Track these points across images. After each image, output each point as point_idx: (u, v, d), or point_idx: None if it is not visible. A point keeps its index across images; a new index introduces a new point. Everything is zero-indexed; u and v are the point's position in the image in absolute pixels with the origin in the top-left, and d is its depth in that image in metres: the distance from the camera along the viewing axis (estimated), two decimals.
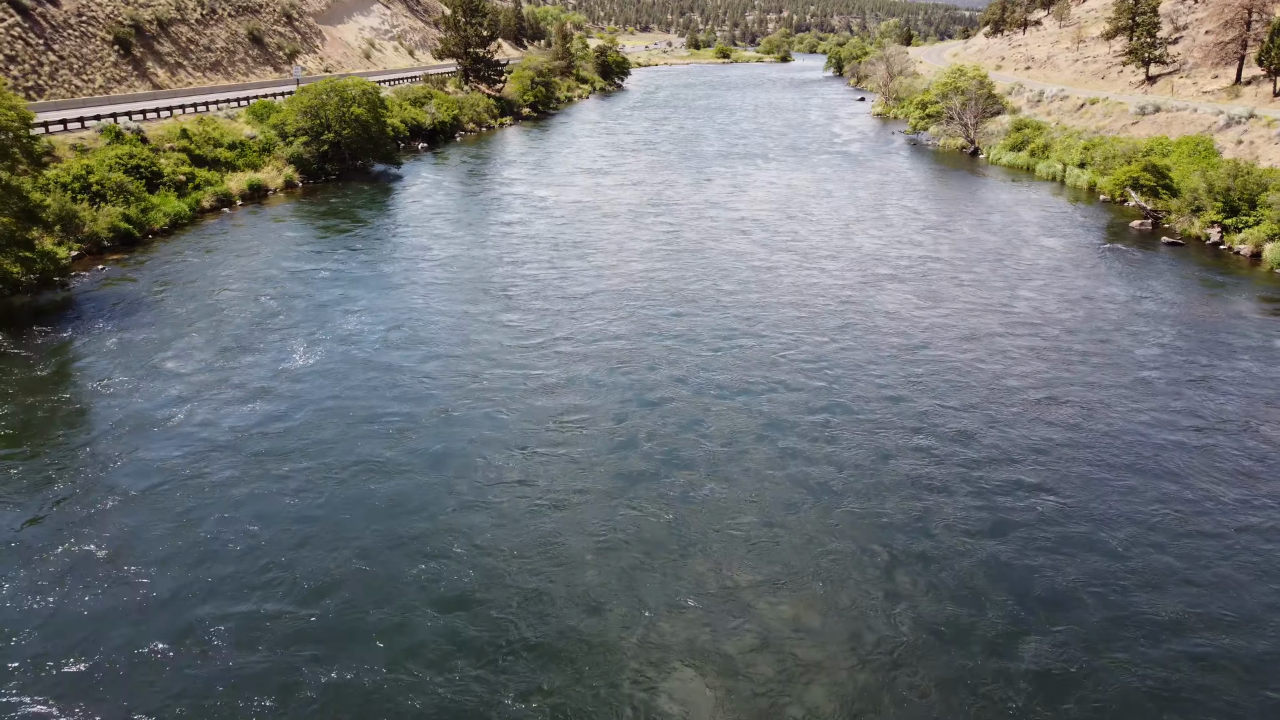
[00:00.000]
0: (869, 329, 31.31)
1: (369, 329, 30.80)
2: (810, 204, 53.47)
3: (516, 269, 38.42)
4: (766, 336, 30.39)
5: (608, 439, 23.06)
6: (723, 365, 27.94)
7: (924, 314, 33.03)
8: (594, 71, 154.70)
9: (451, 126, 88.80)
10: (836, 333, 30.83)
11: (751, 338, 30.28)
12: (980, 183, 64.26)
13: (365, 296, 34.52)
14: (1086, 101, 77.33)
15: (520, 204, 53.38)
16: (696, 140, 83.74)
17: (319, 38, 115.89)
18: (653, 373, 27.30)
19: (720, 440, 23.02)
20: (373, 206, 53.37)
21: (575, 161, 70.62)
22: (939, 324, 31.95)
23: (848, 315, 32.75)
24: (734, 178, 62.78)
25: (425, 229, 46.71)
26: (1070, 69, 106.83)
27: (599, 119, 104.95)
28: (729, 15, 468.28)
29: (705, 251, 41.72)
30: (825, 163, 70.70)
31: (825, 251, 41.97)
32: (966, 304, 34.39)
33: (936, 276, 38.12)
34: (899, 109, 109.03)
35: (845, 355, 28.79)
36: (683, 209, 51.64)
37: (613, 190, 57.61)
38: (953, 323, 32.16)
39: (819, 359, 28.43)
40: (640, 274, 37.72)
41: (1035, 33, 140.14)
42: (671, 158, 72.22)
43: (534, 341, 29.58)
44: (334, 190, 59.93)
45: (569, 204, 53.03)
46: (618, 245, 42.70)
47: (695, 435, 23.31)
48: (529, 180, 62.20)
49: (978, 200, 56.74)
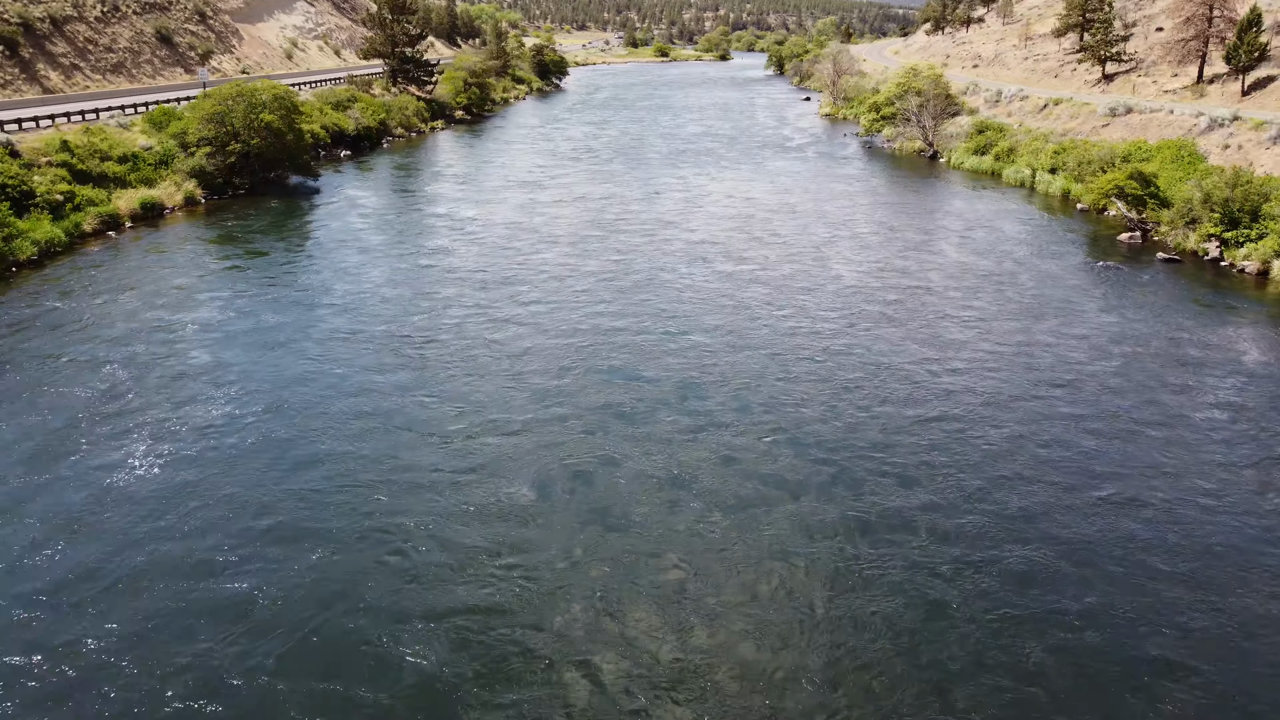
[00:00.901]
0: (871, 396, 24.99)
1: (237, 414, 23.38)
2: (774, 221, 47.30)
3: (436, 317, 31.30)
4: (746, 411, 23.92)
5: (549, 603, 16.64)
6: (697, 461, 21.33)
7: (932, 369, 26.91)
8: (531, 71, 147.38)
9: (378, 132, 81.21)
10: (832, 401, 24.52)
11: (730, 414, 23.65)
12: (948, 191, 58.86)
13: (244, 360, 27.23)
14: (1049, 102, 72.50)
15: (446, 227, 46.22)
16: (641, 146, 77.25)
17: (236, 37, 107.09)
18: (609, 479, 20.56)
19: (701, 602, 16.79)
20: (278, 230, 45.97)
21: (509, 172, 63.57)
22: (954, 384, 25.87)
23: (841, 374, 26.44)
24: (686, 190, 56.39)
25: (333, 261, 39.48)
26: (1020, 67, 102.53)
27: (537, 122, 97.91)
28: (666, 14, 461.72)
29: (660, 287, 35.02)
30: (782, 170, 64.73)
31: (801, 284, 35.75)
32: (978, 354, 28.40)
33: (934, 315, 32.15)
34: (848, 109, 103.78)
35: (849, 438, 22.41)
36: (631, 231, 44.87)
37: (551, 208, 50.64)
38: (969, 382, 26.12)
39: (817, 443, 21.99)
40: (585, 321, 30.81)
41: (979, 30, 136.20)
42: (615, 167, 65.58)
43: (455, 429, 22.70)
44: (240, 208, 52.40)
45: (501, 226, 45.88)
46: (557, 281, 35.80)
47: (669, 600, 17.03)
48: (458, 196, 55.04)
49: (952, 213, 51.20)
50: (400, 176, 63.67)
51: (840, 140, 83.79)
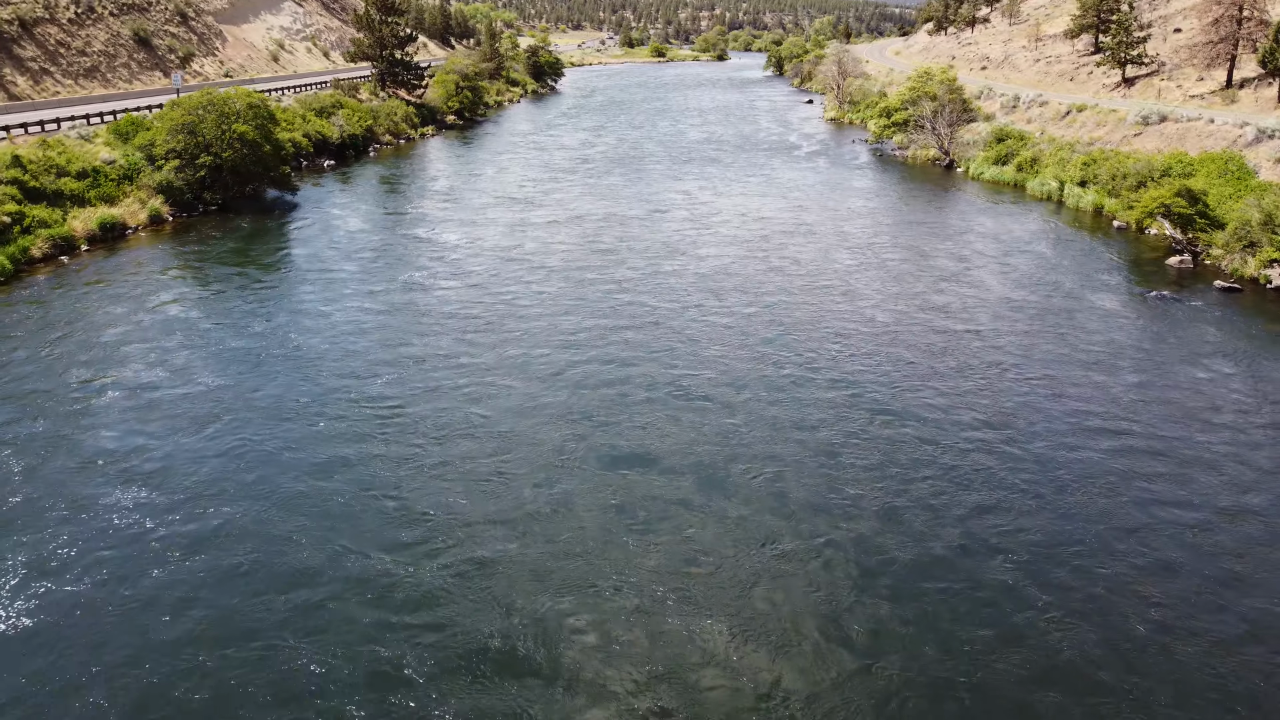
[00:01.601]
0: (937, 488, 20.21)
1: (154, 529, 18.59)
2: (791, 245, 42.58)
3: (405, 378, 26.29)
4: (788, 518, 19.08)
5: None
6: (727, 606, 16.78)
7: (999, 443, 22.08)
8: (525, 73, 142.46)
9: (364, 139, 76.43)
10: (891, 499, 19.73)
11: (768, 522, 18.97)
12: (972, 206, 54.29)
13: (171, 441, 22.10)
14: (1072, 108, 67.92)
15: (427, 255, 41.22)
16: (641, 155, 72.50)
17: (219, 39, 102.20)
18: (611, 633, 16.16)
19: None
20: (241, 257, 41.16)
21: (500, 186, 58.72)
22: (1026, 458, 21.11)
23: (896, 458, 21.48)
24: (692, 207, 51.67)
25: (297, 299, 34.49)
26: (1032, 69, 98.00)
27: (530, 128, 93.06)
28: (662, 13, 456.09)
29: (670, 336, 29.94)
30: (793, 183, 60.07)
31: (832, 327, 30.95)
32: (1051, 419, 23.42)
33: (989, 367, 27.44)
34: (854, 113, 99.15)
35: (920, 559, 17.92)
36: (633, 259, 39.91)
37: (543, 230, 45.64)
38: (1046, 452, 21.24)
39: (879, 562, 17.36)
40: (582, 382, 25.98)
41: (984, 30, 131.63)
42: (613, 180, 60.80)
43: (414, 536, 18.22)
44: (209, 228, 47.72)
45: (488, 254, 40.93)
46: (549, 324, 30.85)
47: None
48: (442, 216, 50.16)
49: (983, 233, 46.56)
50: (383, 191, 58.85)
51: (849, 147, 79.19)
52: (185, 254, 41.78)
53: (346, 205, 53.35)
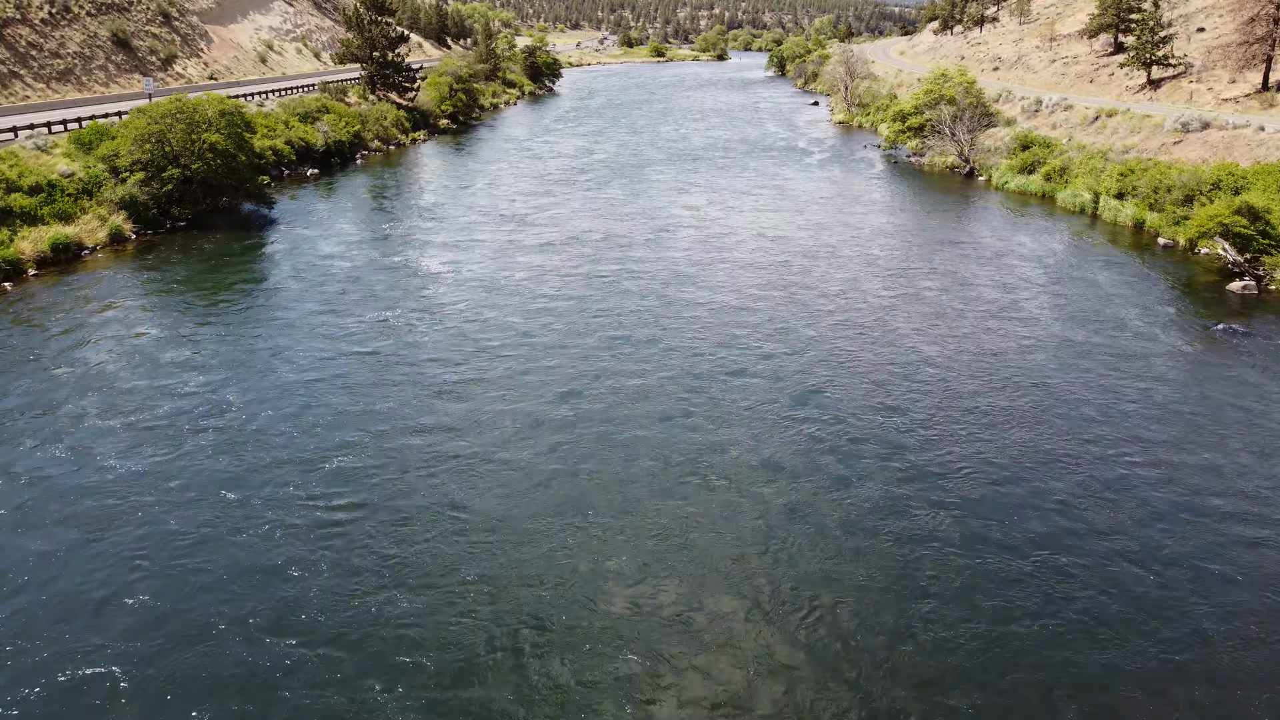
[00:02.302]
0: (1035, 608, 16.15)
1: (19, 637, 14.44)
2: (815, 271, 37.76)
3: (362, 455, 21.65)
4: (859, 663, 15.02)
5: None
6: None
7: (1127, 562, 17.85)
8: (522, 74, 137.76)
9: (352, 146, 71.85)
10: (991, 631, 15.68)
11: (837, 667, 14.86)
12: (1004, 221, 49.70)
13: (47, 547, 18.12)
14: (1101, 113, 63.37)
15: (404, 284, 36.44)
16: (643, 164, 67.90)
17: (204, 39, 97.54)
18: None
19: None
20: (196, 285, 36.32)
21: (491, 200, 53.92)
22: (1137, 564, 16.93)
23: (979, 572, 17.51)
24: (700, 224, 46.97)
25: (246, 345, 29.27)
26: (1047, 71, 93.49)
27: (526, 133, 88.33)
28: (660, 12, 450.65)
29: (686, 395, 25.23)
30: (808, 195, 55.46)
31: (874, 382, 25.99)
32: (1176, 518, 18.99)
33: (1074, 441, 22.55)
34: (863, 116, 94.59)
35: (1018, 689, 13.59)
36: (637, 292, 35.03)
37: (535, 255, 40.78)
38: (1162, 550, 17.10)
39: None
40: (577, 468, 21.29)
41: (994, 30, 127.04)
42: (613, 192, 56.11)
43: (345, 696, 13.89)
44: (173, 247, 43.23)
45: (473, 284, 36.16)
46: (537, 381, 26.01)
47: None
48: (426, 237, 45.26)
49: (1023, 255, 41.85)
50: (365, 206, 54.08)
51: (862, 153, 74.62)
52: (139, 281, 37.20)
53: (323, 223, 48.70)
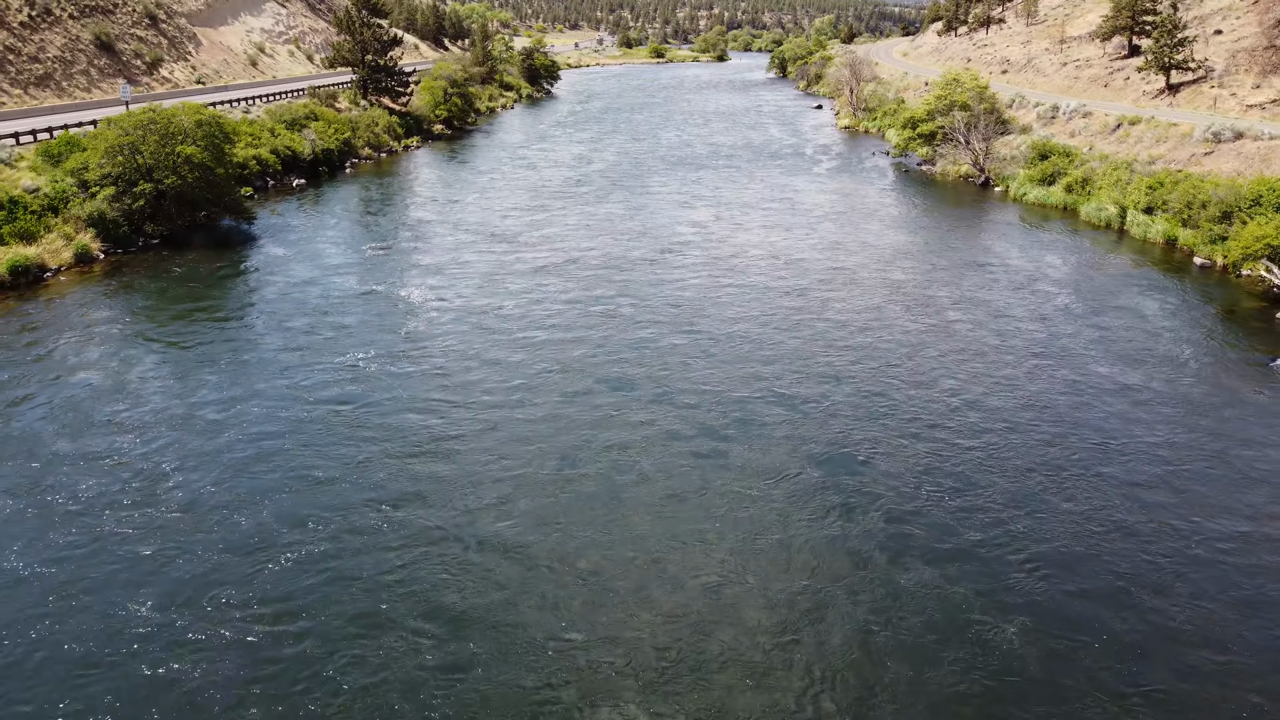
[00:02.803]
0: None
1: None
2: (836, 304, 34.06)
3: (319, 535, 18.54)
4: None
5: None
6: None
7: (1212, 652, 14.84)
8: (520, 76, 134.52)
9: (341, 154, 68.69)
10: None
11: None
12: (1027, 238, 46.52)
13: None
14: (1123, 120, 60.20)
15: (381, 317, 32.97)
16: (643, 173, 64.72)
17: (193, 42, 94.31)
18: None
19: None
20: (156, 316, 32.88)
21: (482, 216, 50.43)
22: None
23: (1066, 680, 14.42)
24: (707, 244, 43.59)
25: (202, 391, 25.89)
26: (1059, 74, 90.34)
27: (522, 139, 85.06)
28: (660, 12, 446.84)
29: (699, 462, 21.99)
30: (819, 209, 52.19)
31: (916, 440, 22.80)
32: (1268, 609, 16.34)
33: (1147, 516, 19.48)
34: (870, 121, 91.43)
35: None
36: (640, 324, 31.69)
37: (527, 281, 37.36)
38: None
39: None
40: (569, 550, 18.29)
41: (1000, 31, 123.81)
42: (612, 207, 52.87)
43: None
44: (141, 269, 40.14)
45: (456, 317, 32.73)
46: (526, 443, 22.64)
47: None
48: (410, 257, 41.88)
49: (1055, 279, 38.51)
50: (349, 221, 50.66)
51: (871, 161, 71.49)
52: (96, 310, 34.00)
53: (302, 242, 45.44)
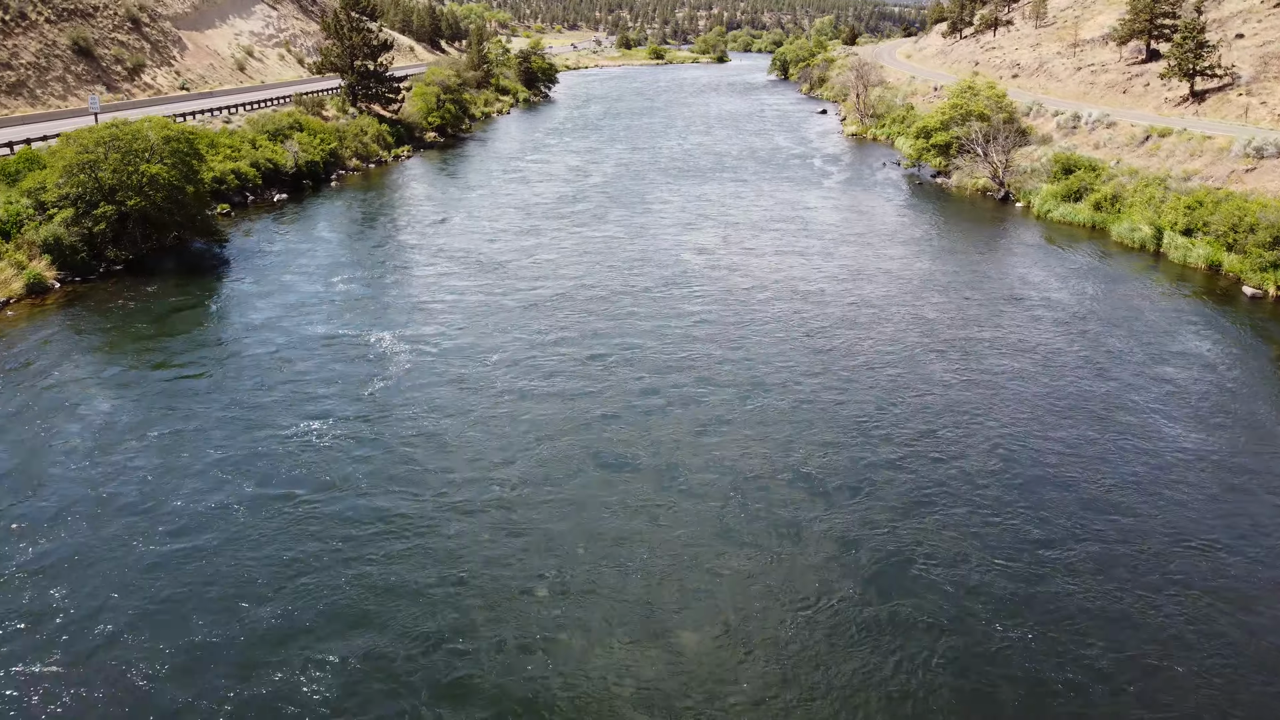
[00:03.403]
0: None
1: None
2: (863, 347, 30.24)
3: (246, 671, 15.11)
4: None
5: None
6: None
7: None
8: (517, 80, 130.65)
9: (327, 166, 64.95)
10: None
11: None
12: (1061, 262, 42.64)
13: None
14: (1151, 132, 56.42)
15: (347, 371, 28.78)
16: (645, 189, 60.85)
17: (177, 46, 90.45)
18: None
19: None
20: (99, 363, 28.86)
21: (469, 240, 46.17)
22: None
23: None
24: (715, 273, 39.30)
25: (119, 475, 22.17)
26: (1073, 79, 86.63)
27: (517, 148, 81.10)
28: (659, 12, 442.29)
29: (717, 565, 18.45)
30: (833, 231, 48.16)
31: (967, 532, 19.23)
32: None
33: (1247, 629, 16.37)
34: (878, 128, 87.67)
35: None
36: (644, 384, 27.50)
37: (514, 320, 33.27)
38: None
39: None
40: (554, 686, 14.83)
41: (1008, 34, 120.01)
42: (611, 228, 48.82)
43: None
44: (97, 302, 36.41)
45: (432, 371, 28.52)
46: (505, 541, 18.96)
47: None
48: (386, 289, 38.03)
49: (1107, 319, 34.43)
50: (325, 246, 46.21)
51: (882, 172, 67.76)
52: (40, 353, 30.23)
53: (271, 269, 41.41)
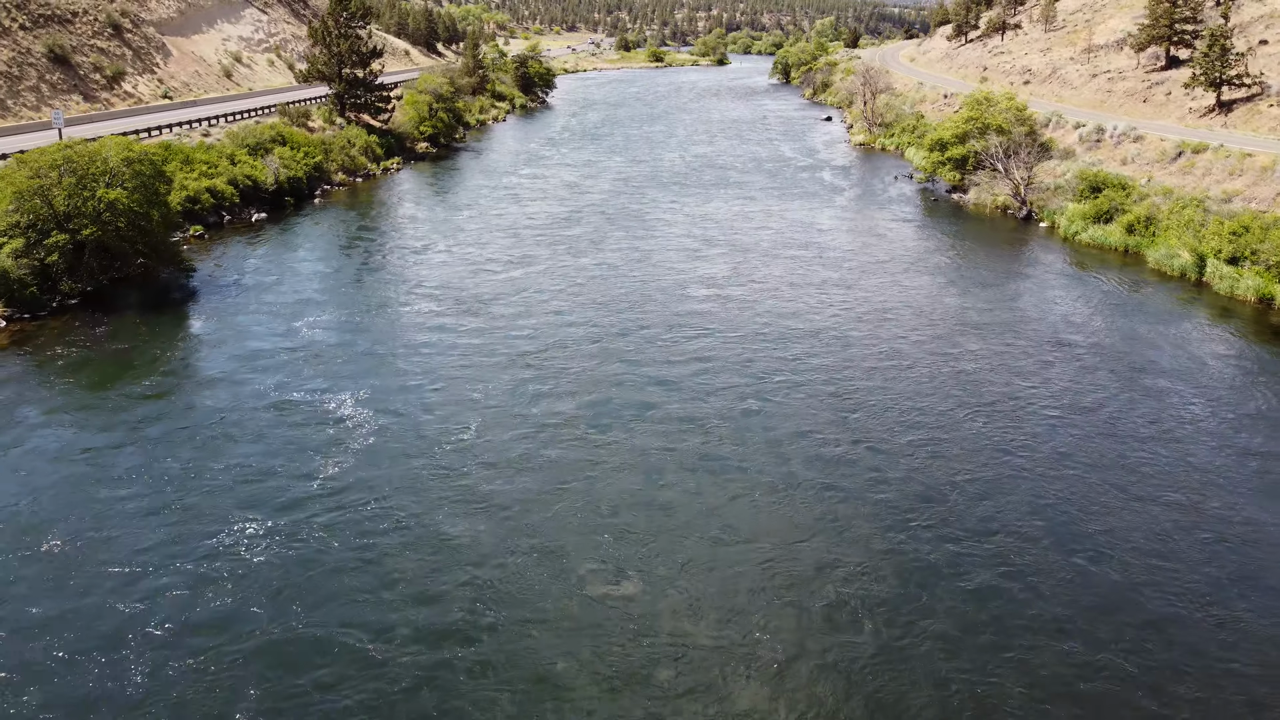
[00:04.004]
0: None
1: None
2: (897, 407, 26.39)
3: None
4: None
5: None
6: None
7: None
8: (513, 85, 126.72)
9: (311, 181, 61.12)
10: None
11: None
12: (1101, 295, 38.75)
13: None
14: (1184, 148, 52.60)
15: (298, 446, 24.58)
16: (645, 208, 56.89)
17: (161, 53, 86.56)
18: None
19: None
20: (26, 421, 25.13)
21: (450, 272, 41.84)
22: None
23: None
24: (725, 318, 35.07)
25: (29, 548, 19.11)
26: (1088, 87, 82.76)
27: (510, 161, 76.85)
28: (658, 13, 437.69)
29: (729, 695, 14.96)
30: (851, 258, 44.01)
31: (1031, 654, 15.83)
32: None
33: None
34: (887, 138, 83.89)
35: None
36: (647, 463, 23.73)
37: (495, 381, 28.99)
38: None
39: None
40: None
41: (1016, 38, 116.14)
42: (609, 255, 44.50)
43: None
44: (49, 339, 32.68)
45: (391, 448, 24.47)
46: (479, 676, 15.35)
47: None
48: (353, 338, 33.88)
49: (1163, 368, 30.59)
50: (293, 278, 41.07)
51: (894, 186, 63.99)
52: None
53: (234, 310, 36.88)
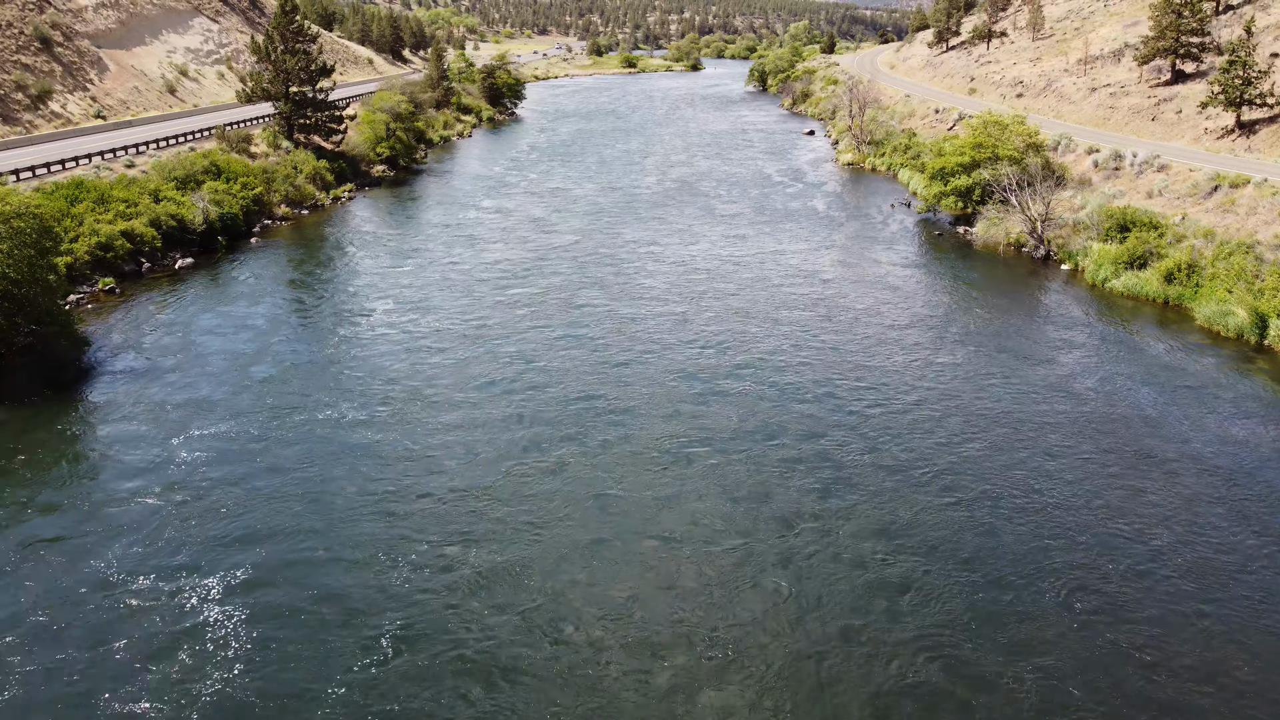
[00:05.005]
0: None
1: None
2: (935, 536, 20.38)
3: None
4: None
5: None
6: None
7: None
8: (480, 96, 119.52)
9: (250, 215, 53.98)
10: None
11: None
12: (1149, 360, 32.68)
13: None
14: (1221, 181, 46.51)
15: (169, 616, 18.30)
16: (620, 250, 50.32)
17: (96, 67, 78.74)
18: None
19: None
20: None
21: (386, 348, 34.59)
22: None
23: None
24: (725, 424, 28.91)
25: None
26: (1088, 102, 76.92)
27: (471, 188, 69.42)
28: (630, 17, 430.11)
29: None
30: (862, 318, 37.50)
31: None
32: None
33: None
34: (877, 157, 77.73)
35: None
36: (633, 662, 17.82)
37: (433, 514, 22.63)
38: None
39: None
40: None
41: (1003, 46, 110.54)
42: (577, 318, 37.49)
43: None
44: None
45: (311, 611, 18.20)
46: None
47: None
48: (253, 455, 26.81)
49: (1243, 469, 25.18)
50: (207, 349, 34.22)
51: (893, 218, 57.72)
52: None
53: (128, 401, 29.88)
